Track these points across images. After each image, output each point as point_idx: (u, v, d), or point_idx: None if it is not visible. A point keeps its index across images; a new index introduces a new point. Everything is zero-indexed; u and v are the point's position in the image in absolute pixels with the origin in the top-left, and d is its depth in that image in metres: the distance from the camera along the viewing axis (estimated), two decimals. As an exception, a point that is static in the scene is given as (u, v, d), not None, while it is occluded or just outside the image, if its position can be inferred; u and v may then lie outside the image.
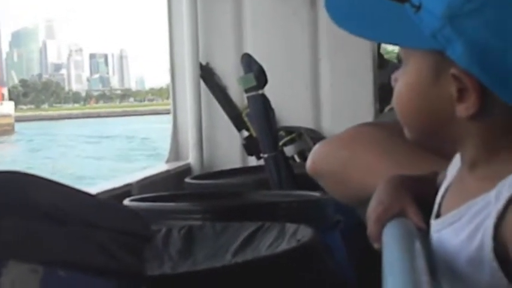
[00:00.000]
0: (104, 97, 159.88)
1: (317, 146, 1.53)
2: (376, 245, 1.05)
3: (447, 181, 1.04)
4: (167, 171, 3.46)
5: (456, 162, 1.04)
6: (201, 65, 3.66)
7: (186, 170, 3.56)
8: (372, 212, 1.08)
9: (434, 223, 1.01)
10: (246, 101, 3.21)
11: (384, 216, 1.05)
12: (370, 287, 0.96)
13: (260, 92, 2.99)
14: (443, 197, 1.03)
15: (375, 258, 0.98)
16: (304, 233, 1.80)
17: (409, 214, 1.05)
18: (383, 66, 4.19)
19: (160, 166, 3.68)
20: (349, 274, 2.11)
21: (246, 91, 3.03)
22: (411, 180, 1.16)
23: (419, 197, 1.09)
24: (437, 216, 1.02)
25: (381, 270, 0.87)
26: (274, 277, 1.58)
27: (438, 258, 0.98)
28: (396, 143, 1.37)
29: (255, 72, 2.96)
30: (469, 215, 0.91)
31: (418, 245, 0.95)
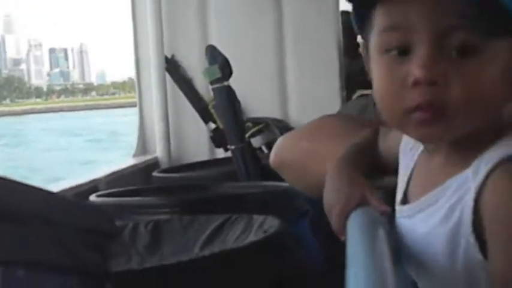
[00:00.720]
0: (66, 91, 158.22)
1: (280, 139, 1.52)
2: (343, 238, 1.04)
3: (408, 168, 1.04)
4: (134, 166, 3.44)
5: (408, 147, 1.04)
6: (166, 57, 3.64)
7: (154, 164, 3.54)
8: (334, 204, 1.07)
9: (402, 209, 1.00)
10: (212, 93, 3.21)
11: (347, 208, 1.04)
12: (339, 276, 0.96)
13: (225, 83, 2.98)
14: (407, 183, 1.03)
15: (344, 246, 0.98)
16: (272, 223, 1.80)
17: (370, 201, 1.04)
18: (358, 56, 4.20)
19: (127, 160, 3.65)
20: (318, 263, 2.11)
21: (212, 83, 3.02)
22: (358, 158, 1.14)
23: (370, 167, 1.09)
24: (404, 202, 1.02)
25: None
26: (242, 269, 1.58)
27: (408, 244, 0.97)
28: (357, 131, 1.36)
29: (219, 64, 2.96)
30: (446, 195, 0.90)
31: (381, 233, 0.95)
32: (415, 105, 0.88)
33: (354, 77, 3.91)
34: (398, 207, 1.02)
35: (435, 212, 0.91)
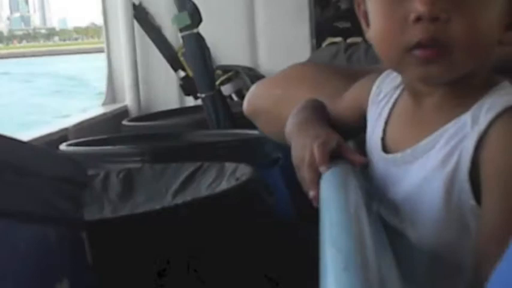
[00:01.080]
0: (27, 37, 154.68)
1: (253, 87, 1.52)
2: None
3: (381, 116, 1.02)
4: (104, 114, 3.41)
5: (378, 97, 1.03)
6: (133, 5, 3.58)
7: (123, 113, 3.52)
8: (317, 146, 0.99)
9: (389, 157, 0.98)
10: (181, 41, 3.17)
11: (328, 145, 0.99)
12: (310, 224, 0.96)
13: (195, 30, 2.95)
14: (384, 131, 1.01)
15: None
16: (244, 171, 1.81)
17: (345, 153, 1.02)
18: (328, 4, 4.19)
19: (97, 109, 3.62)
20: (289, 211, 2.13)
21: (181, 30, 2.99)
22: (319, 112, 1.13)
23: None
24: (384, 149, 0.99)
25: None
26: (214, 217, 1.58)
27: (398, 192, 0.95)
28: (328, 79, 1.36)
29: (188, 11, 2.92)
30: (443, 140, 0.89)
31: (354, 181, 0.95)
32: (417, 42, 0.87)
33: (324, 24, 3.89)
34: (380, 155, 1.00)
35: (432, 157, 0.90)
